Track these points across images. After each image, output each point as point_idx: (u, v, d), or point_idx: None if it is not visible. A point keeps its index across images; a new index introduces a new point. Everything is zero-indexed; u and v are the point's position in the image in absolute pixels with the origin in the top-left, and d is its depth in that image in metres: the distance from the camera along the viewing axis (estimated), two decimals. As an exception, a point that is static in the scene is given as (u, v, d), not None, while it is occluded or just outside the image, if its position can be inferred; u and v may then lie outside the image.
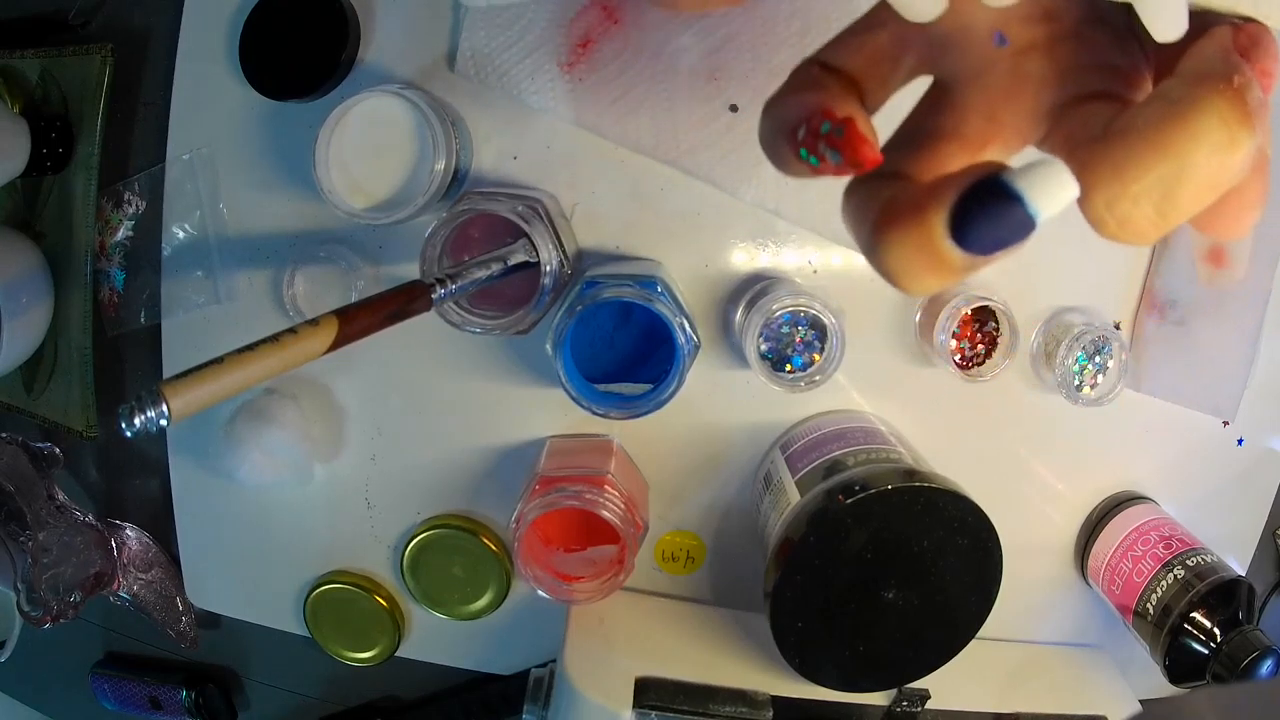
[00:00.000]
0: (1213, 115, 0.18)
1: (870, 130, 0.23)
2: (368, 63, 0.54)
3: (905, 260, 0.21)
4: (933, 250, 0.20)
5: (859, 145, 0.22)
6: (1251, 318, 0.57)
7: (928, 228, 0.20)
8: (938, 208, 0.20)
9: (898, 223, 0.21)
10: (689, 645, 0.56)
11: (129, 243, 0.60)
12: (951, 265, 0.20)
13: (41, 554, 0.58)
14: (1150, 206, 0.19)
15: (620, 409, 0.47)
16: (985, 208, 0.19)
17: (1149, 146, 0.19)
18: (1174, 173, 0.18)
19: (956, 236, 0.20)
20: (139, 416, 0.27)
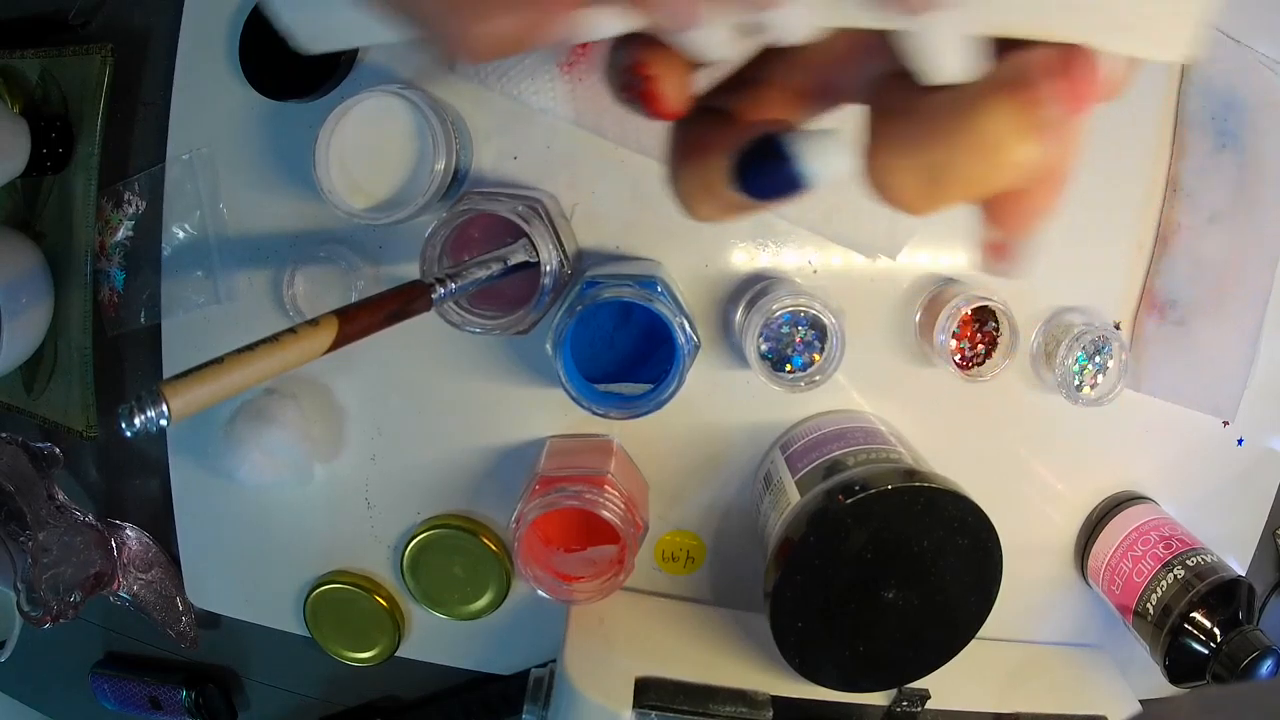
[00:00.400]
0: (992, 118, 0.19)
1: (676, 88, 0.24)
2: (368, 63, 0.54)
3: (692, 191, 0.24)
4: (714, 188, 0.23)
5: (653, 101, 0.24)
6: (1251, 318, 0.57)
7: (713, 168, 0.23)
8: (724, 153, 0.23)
9: (691, 157, 0.24)
10: (689, 645, 0.55)
11: (129, 243, 0.60)
12: (729, 203, 0.23)
13: (41, 554, 0.58)
14: (918, 183, 0.21)
15: (620, 409, 0.47)
16: (762, 162, 0.22)
17: (928, 129, 0.20)
18: (943, 160, 0.20)
19: (737, 181, 0.23)
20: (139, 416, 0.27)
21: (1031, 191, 0.22)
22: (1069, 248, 0.56)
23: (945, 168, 0.20)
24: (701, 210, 0.24)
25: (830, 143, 0.21)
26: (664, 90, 0.23)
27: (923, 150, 0.20)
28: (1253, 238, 0.56)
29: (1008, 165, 0.20)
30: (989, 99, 0.20)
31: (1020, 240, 0.25)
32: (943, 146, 0.20)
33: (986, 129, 0.19)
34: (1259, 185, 0.55)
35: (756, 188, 0.22)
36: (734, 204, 0.23)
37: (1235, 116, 0.55)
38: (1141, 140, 0.55)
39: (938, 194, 0.20)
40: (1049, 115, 0.19)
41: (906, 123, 0.21)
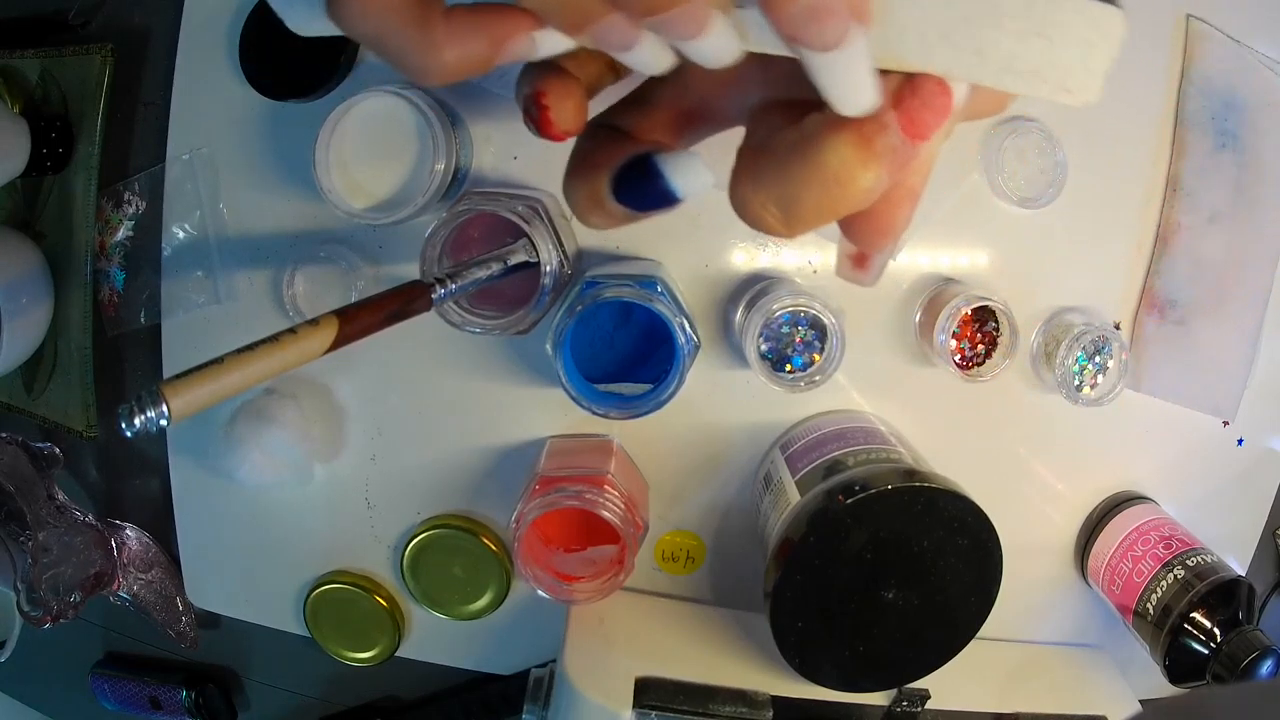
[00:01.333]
0: (831, 152, 0.21)
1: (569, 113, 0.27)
2: (368, 63, 0.54)
3: (579, 201, 0.27)
4: (598, 199, 0.26)
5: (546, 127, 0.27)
6: (1251, 318, 0.57)
7: (597, 181, 0.26)
8: (607, 168, 0.25)
9: (579, 171, 0.27)
10: (689, 645, 0.56)
11: (129, 243, 0.60)
12: (612, 214, 0.26)
13: (41, 554, 0.58)
14: (775, 213, 0.22)
15: (620, 409, 0.47)
16: (636, 178, 0.25)
17: (777, 167, 0.22)
18: (794, 194, 0.21)
19: (616, 194, 0.25)
20: (139, 416, 0.27)
21: (882, 210, 0.23)
22: (1069, 248, 0.56)
23: (796, 200, 0.21)
24: (590, 218, 0.27)
25: (692, 163, 0.24)
26: (555, 118, 0.26)
27: (775, 184, 0.22)
28: (1253, 238, 0.56)
29: (853, 194, 0.21)
30: (829, 134, 0.21)
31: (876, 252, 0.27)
32: (792, 181, 0.21)
33: (828, 162, 0.21)
34: (1259, 185, 0.55)
35: (632, 200, 0.25)
36: (617, 214, 0.26)
37: (1235, 116, 0.55)
38: (1141, 140, 0.55)
39: (794, 223, 0.22)
40: (888, 144, 0.20)
41: (761, 159, 0.22)
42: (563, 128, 0.27)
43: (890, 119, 0.20)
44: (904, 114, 0.20)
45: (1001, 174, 0.54)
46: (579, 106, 0.27)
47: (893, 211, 0.23)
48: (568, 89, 0.27)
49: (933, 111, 0.20)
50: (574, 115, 0.27)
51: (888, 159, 0.20)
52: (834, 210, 0.21)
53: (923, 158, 0.23)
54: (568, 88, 0.27)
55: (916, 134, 0.21)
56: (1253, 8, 0.54)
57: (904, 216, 0.24)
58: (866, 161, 0.20)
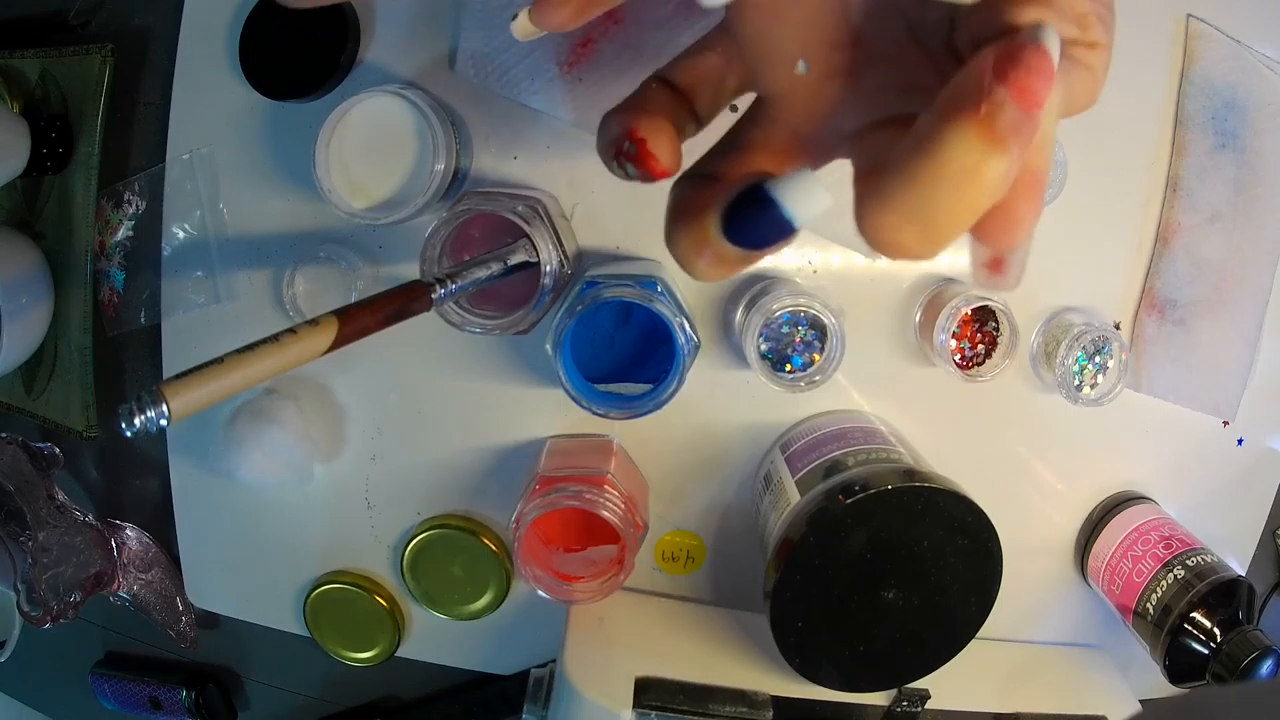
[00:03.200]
0: (955, 145, 0.19)
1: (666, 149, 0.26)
2: (368, 63, 0.54)
3: (686, 249, 0.25)
4: (707, 243, 0.24)
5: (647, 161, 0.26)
6: (1251, 318, 0.57)
7: (704, 224, 0.24)
8: (713, 207, 0.24)
9: (682, 217, 0.25)
10: (689, 645, 0.56)
11: (129, 243, 0.60)
12: (725, 257, 0.24)
13: (41, 554, 0.58)
14: (912, 231, 0.21)
15: (620, 409, 0.47)
16: (749, 210, 0.23)
17: (900, 179, 0.20)
18: (926, 203, 0.20)
19: (727, 233, 0.23)
20: (139, 416, 0.27)
21: (1013, 201, 0.22)
22: (1069, 248, 0.56)
23: (930, 209, 0.20)
24: (699, 267, 0.25)
25: (809, 184, 0.22)
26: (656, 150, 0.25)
27: (903, 199, 0.20)
28: (1253, 238, 0.56)
29: (988, 184, 0.20)
30: (945, 129, 0.20)
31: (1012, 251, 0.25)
32: (920, 189, 0.20)
33: (954, 156, 0.19)
34: (1259, 185, 0.55)
35: (746, 236, 0.23)
36: (729, 257, 0.24)
37: (1235, 116, 0.55)
38: (1141, 140, 0.55)
39: (934, 235, 0.21)
40: (1007, 122, 0.19)
41: (881, 177, 0.21)
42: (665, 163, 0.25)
43: (1002, 94, 0.19)
44: (1014, 86, 0.19)
45: (1001, 174, 0.54)
46: (674, 141, 0.26)
47: (1022, 201, 0.22)
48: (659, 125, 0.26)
49: (1039, 76, 0.19)
50: (671, 150, 0.26)
51: (1011, 138, 0.19)
52: (972, 209, 0.20)
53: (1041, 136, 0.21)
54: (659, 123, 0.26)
55: (1031, 102, 0.19)
56: (1253, 8, 0.54)
57: (1035, 205, 0.22)
58: (992, 144, 0.19)
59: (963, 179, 0.20)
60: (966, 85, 0.20)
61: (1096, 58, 0.23)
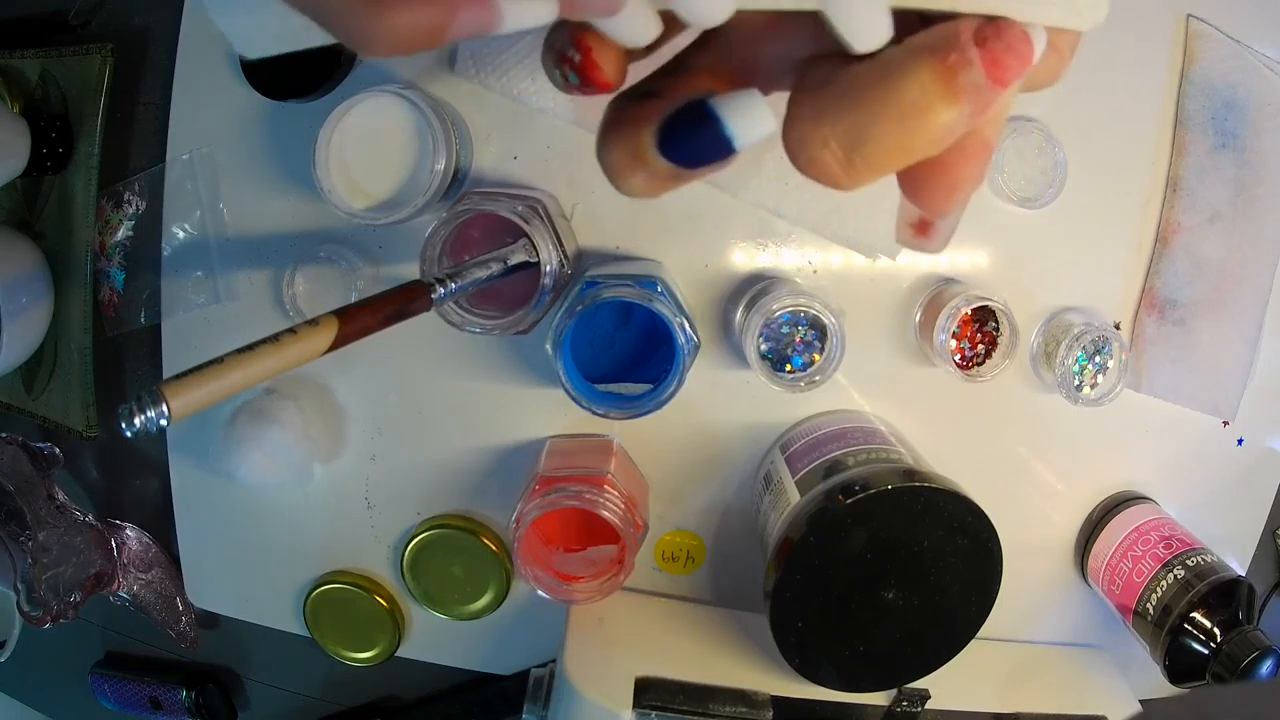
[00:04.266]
0: (912, 80, 0.19)
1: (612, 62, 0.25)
2: (368, 63, 0.54)
3: (619, 162, 0.24)
4: (641, 158, 0.23)
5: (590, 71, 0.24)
6: (1251, 318, 0.57)
7: (640, 138, 0.23)
8: (651, 121, 0.23)
9: (617, 129, 0.24)
10: (689, 645, 0.56)
11: (129, 243, 0.60)
12: (658, 173, 0.23)
13: (41, 554, 0.58)
14: (837, 151, 0.20)
15: (620, 409, 0.47)
16: (688, 125, 0.22)
17: (845, 96, 0.20)
18: (864, 123, 0.20)
19: (662, 147, 0.23)
20: (139, 416, 0.27)
21: (954, 163, 0.22)
22: (1069, 248, 0.56)
23: (865, 134, 0.20)
24: (631, 182, 0.24)
25: (753, 103, 0.21)
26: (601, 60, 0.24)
27: (841, 115, 0.20)
28: (1253, 238, 0.56)
29: (929, 128, 0.20)
30: (911, 61, 0.19)
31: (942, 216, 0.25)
32: (862, 109, 0.20)
33: (907, 90, 0.19)
34: (1259, 185, 0.55)
35: (682, 153, 0.23)
36: (662, 173, 0.23)
37: (1235, 116, 0.55)
38: (1141, 140, 0.55)
39: (858, 163, 0.20)
40: (972, 80, 0.19)
41: (826, 91, 0.21)
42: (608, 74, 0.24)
43: (974, 56, 0.19)
44: (988, 54, 0.19)
45: (1001, 174, 0.54)
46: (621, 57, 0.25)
47: (965, 163, 0.22)
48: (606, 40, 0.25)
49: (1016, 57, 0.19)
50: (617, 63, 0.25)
51: (970, 96, 0.19)
52: (905, 149, 0.20)
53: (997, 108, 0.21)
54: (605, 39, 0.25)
55: (999, 78, 0.19)
56: (1253, 8, 0.54)
57: (976, 172, 0.22)
58: (948, 94, 0.19)
59: (908, 114, 0.20)
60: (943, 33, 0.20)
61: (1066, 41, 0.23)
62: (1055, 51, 0.23)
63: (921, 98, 0.19)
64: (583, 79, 0.25)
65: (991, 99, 0.20)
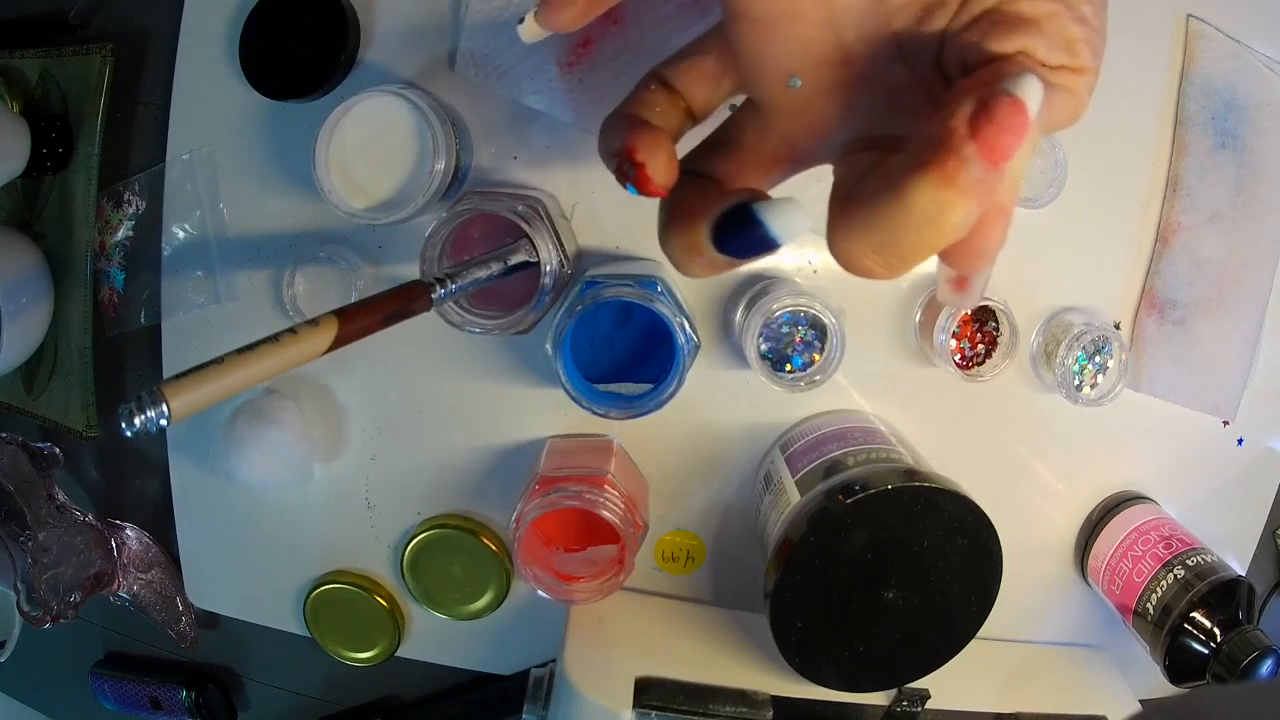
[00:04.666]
0: (919, 196, 0.21)
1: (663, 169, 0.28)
2: (368, 63, 0.54)
3: (679, 253, 0.27)
4: (698, 249, 0.26)
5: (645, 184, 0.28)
6: (1251, 318, 0.57)
7: (696, 232, 0.26)
8: (705, 218, 0.26)
9: (675, 224, 0.27)
10: (689, 645, 0.56)
11: (129, 243, 0.60)
12: (714, 262, 0.27)
13: (41, 554, 0.58)
14: (876, 260, 0.23)
15: (620, 409, 0.47)
16: (736, 226, 0.25)
17: (870, 215, 0.22)
18: (890, 239, 0.22)
19: (716, 244, 0.26)
20: (139, 416, 0.27)
21: (977, 235, 0.23)
22: (1069, 248, 0.56)
23: (893, 245, 0.22)
24: (691, 268, 0.27)
25: (790, 210, 0.24)
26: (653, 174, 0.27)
27: (870, 233, 0.22)
28: (1253, 238, 0.56)
29: (946, 231, 0.21)
30: (913, 177, 0.21)
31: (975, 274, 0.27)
32: (885, 228, 0.22)
33: (917, 205, 0.21)
34: (1259, 185, 0.55)
35: (733, 249, 0.26)
36: (718, 262, 0.27)
37: (1235, 116, 0.55)
38: (1141, 140, 0.55)
39: (897, 265, 0.22)
40: (971, 177, 0.20)
41: (853, 208, 0.22)
42: (660, 183, 0.27)
43: (970, 151, 0.20)
44: (982, 143, 0.20)
45: (1001, 174, 0.54)
46: (671, 158, 0.28)
47: (986, 234, 0.23)
48: (657, 141, 0.28)
49: (1010, 133, 0.20)
50: (667, 168, 0.28)
51: (974, 192, 0.20)
52: (932, 247, 0.22)
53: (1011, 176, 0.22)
54: (657, 140, 0.28)
55: (997, 160, 0.20)
56: (1253, 8, 0.54)
57: (998, 237, 0.24)
58: (954, 199, 0.20)
59: (923, 224, 0.21)
60: (938, 134, 0.21)
61: (1082, 83, 0.24)
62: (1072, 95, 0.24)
63: (932, 208, 0.21)
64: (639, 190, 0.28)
65: (997, 181, 0.21)
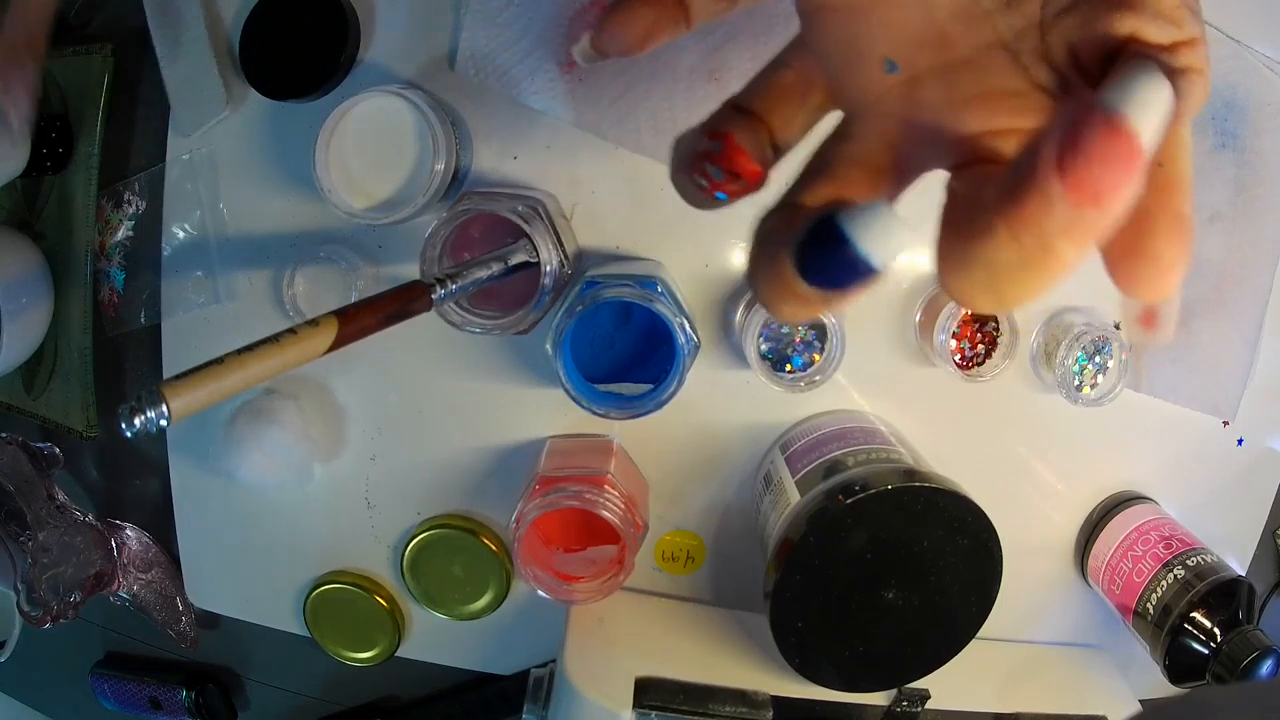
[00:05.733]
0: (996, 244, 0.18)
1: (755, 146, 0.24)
2: (368, 63, 0.54)
3: (766, 290, 0.23)
4: (785, 283, 0.21)
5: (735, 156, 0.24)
6: (1251, 318, 0.57)
7: (780, 263, 0.21)
8: (788, 244, 0.21)
9: (760, 255, 0.23)
10: (689, 645, 0.56)
11: (129, 243, 0.60)
12: (805, 298, 0.22)
13: (41, 554, 0.58)
14: (987, 295, 0.19)
15: (620, 409, 0.47)
16: (821, 246, 0.20)
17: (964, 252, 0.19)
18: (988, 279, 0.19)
19: (802, 272, 0.21)
20: (139, 416, 0.27)
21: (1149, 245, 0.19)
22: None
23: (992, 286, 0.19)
24: (783, 309, 0.22)
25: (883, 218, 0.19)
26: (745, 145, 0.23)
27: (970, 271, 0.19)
28: (1253, 238, 0.56)
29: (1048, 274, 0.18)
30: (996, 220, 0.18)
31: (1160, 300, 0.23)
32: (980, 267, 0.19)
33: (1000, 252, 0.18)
34: (1259, 185, 0.55)
35: (823, 277, 0.20)
36: (812, 298, 0.21)
37: (1235, 116, 0.55)
38: (1141, 140, 0.55)
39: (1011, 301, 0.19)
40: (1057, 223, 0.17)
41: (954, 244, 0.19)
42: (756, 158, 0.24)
43: (1056, 192, 0.16)
44: (1070, 181, 0.16)
45: (1001, 174, 0.54)
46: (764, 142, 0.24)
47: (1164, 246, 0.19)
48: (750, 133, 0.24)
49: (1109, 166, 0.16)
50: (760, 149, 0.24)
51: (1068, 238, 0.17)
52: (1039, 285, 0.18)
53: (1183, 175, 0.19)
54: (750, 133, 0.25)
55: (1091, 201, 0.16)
56: (1253, 8, 0.54)
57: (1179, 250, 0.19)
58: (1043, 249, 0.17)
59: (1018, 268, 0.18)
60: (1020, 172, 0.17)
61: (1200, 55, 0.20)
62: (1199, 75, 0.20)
63: (1017, 256, 0.18)
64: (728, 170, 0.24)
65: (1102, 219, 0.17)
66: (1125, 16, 0.19)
